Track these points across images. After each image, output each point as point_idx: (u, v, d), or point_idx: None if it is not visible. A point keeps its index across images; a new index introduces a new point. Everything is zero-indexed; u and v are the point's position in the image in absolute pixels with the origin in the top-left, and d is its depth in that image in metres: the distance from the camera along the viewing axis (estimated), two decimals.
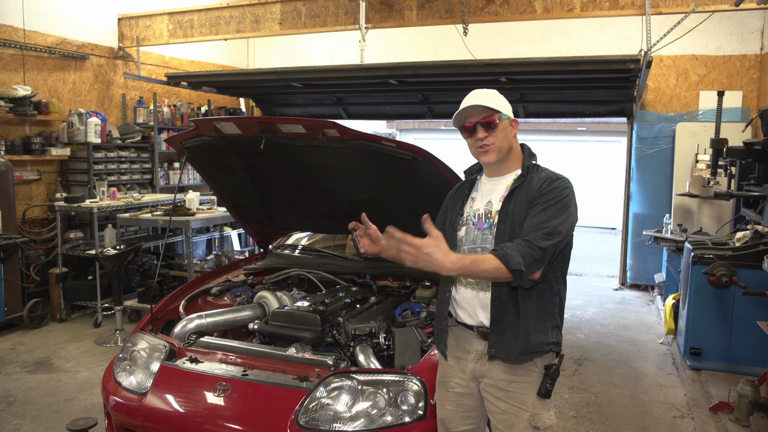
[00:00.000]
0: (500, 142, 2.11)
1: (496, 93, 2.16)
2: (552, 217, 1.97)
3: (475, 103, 2.10)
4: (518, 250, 1.88)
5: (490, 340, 2.08)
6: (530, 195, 2.07)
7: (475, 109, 2.11)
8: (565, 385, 4.48)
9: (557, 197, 2.02)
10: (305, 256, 3.92)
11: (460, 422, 2.21)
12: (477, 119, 2.10)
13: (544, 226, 1.95)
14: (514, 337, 2.05)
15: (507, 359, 2.06)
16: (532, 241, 1.91)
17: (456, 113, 2.15)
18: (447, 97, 7.52)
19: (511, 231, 2.05)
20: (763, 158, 4.69)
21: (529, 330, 2.05)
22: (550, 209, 1.99)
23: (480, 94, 2.14)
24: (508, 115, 2.13)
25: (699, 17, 5.56)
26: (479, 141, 2.11)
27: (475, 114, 2.11)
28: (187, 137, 3.12)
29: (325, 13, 6.20)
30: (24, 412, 3.98)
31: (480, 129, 2.10)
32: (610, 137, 14.06)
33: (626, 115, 7.46)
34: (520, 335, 2.05)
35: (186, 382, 2.53)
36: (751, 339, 4.34)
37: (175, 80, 6.83)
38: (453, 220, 2.23)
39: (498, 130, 2.10)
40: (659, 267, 7.23)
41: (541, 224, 1.96)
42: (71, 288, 6.04)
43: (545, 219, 1.97)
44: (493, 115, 2.09)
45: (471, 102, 2.11)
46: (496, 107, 2.10)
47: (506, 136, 2.13)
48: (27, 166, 6.15)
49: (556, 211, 1.99)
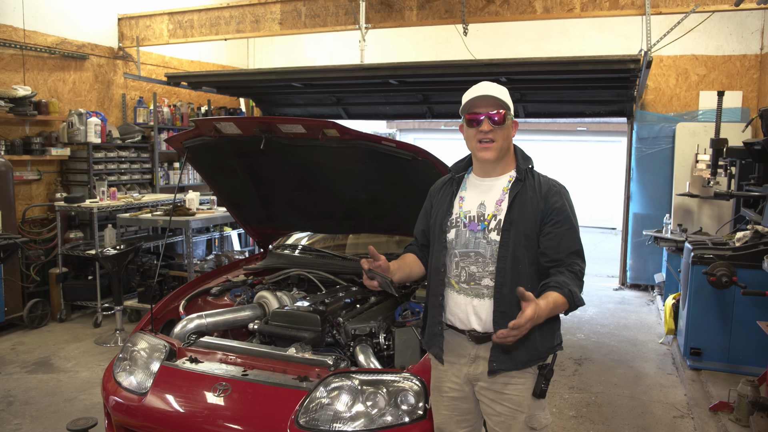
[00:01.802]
0: (503, 141, 2.06)
1: (506, 90, 2.09)
2: (575, 237, 2.06)
3: (490, 93, 2.02)
4: (576, 285, 1.99)
5: (492, 355, 2.05)
6: (537, 206, 2.04)
7: (485, 100, 2.03)
8: (565, 385, 4.48)
9: (568, 211, 2.07)
10: (305, 256, 3.91)
11: (456, 426, 2.19)
12: (486, 111, 2.02)
13: (575, 249, 2.05)
14: (521, 348, 2.03)
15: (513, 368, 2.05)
16: (578, 273, 2.03)
17: (465, 101, 2.06)
18: (447, 97, 7.52)
19: (515, 240, 2.03)
20: (763, 158, 4.68)
21: (536, 339, 2.04)
22: (572, 229, 2.06)
23: (493, 86, 2.06)
24: (512, 115, 2.09)
25: (699, 17, 5.56)
26: (483, 134, 2.03)
27: (484, 105, 2.03)
28: (187, 137, 3.12)
29: (325, 13, 6.20)
30: (24, 412, 3.98)
31: (487, 122, 2.02)
32: (610, 137, 14.05)
33: (626, 115, 7.46)
34: (528, 344, 2.03)
35: (186, 382, 2.53)
36: (751, 339, 4.34)
37: (175, 80, 6.83)
38: (440, 220, 2.17)
39: (504, 128, 2.05)
40: (659, 267, 7.23)
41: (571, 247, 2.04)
42: (71, 288, 6.03)
43: (573, 242, 2.05)
44: (503, 110, 2.03)
45: (484, 92, 2.03)
46: (508, 103, 2.05)
47: (508, 136, 2.09)
48: (27, 166, 6.15)
49: (574, 230, 2.08)
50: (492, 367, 2.05)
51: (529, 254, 2.04)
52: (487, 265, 2.06)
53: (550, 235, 2.03)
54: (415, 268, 2.30)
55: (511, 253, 2.02)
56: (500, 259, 2.03)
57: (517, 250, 2.02)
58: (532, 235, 2.04)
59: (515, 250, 2.02)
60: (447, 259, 2.14)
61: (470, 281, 2.08)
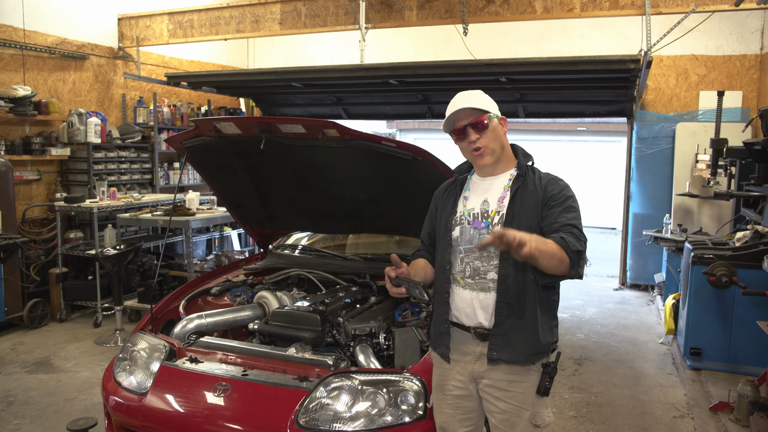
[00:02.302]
0: (492, 143, 2.10)
1: (482, 93, 2.14)
2: (575, 217, 2.03)
3: (463, 105, 2.08)
4: (574, 243, 1.92)
5: (491, 343, 2.07)
6: (537, 198, 2.07)
7: (462, 112, 2.09)
8: (565, 385, 4.48)
9: (566, 195, 2.07)
10: (305, 256, 3.92)
11: (458, 425, 2.20)
12: (467, 121, 2.08)
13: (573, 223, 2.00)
14: (523, 339, 2.05)
15: (514, 361, 2.06)
16: (575, 233, 1.96)
17: (445, 119, 2.13)
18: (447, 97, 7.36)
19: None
20: (763, 158, 4.69)
21: (538, 332, 2.06)
22: (570, 210, 2.04)
23: (466, 96, 2.12)
24: (496, 114, 2.12)
25: (699, 17, 5.56)
26: (472, 144, 2.09)
27: (464, 117, 2.09)
28: (187, 137, 3.12)
29: (325, 13, 6.20)
30: (24, 412, 3.98)
31: (471, 131, 2.08)
32: (610, 137, 14.05)
33: (626, 115, 7.46)
34: (529, 337, 2.05)
35: (186, 382, 2.53)
36: (751, 339, 4.34)
37: (175, 80, 6.83)
38: (445, 219, 2.21)
39: (489, 131, 2.09)
40: (659, 267, 7.23)
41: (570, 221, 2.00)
42: (71, 288, 6.04)
43: (571, 218, 2.01)
44: (483, 116, 2.08)
45: (458, 105, 2.09)
46: (484, 107, 2.09)
47: (497, 136, 2.12)
48: (27, 166, 6.15)
49: (575, 213, 2.05)
50: (492, 356, 2.06)
51: None
52: (491, 259, 2.08)
53: (551, 215, 2.05)
54: (429, 272, 2.30)
55: None
56: (503, 251, 2.04)
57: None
58: (534, 226, 2.06)
59: None
60: (452, 257, 2.16)
61: (475, 276, 2.11)
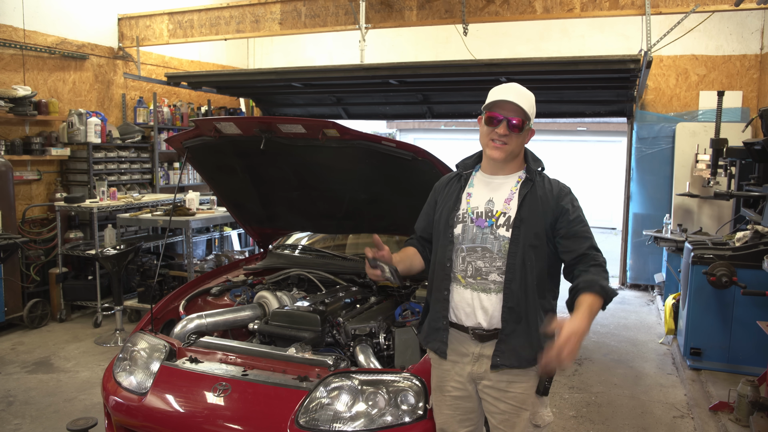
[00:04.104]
0: (515, 146, 2.09)
1: (533, 97, 2.12)
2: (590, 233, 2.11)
3: (513, 100, 2.04)
4: (605, 279, 2.01)
5: (496, 349, 2.07)
6: (547, 206, 2.08)
7: (509, 104, 2.05)
8: (565, 385, 4.48)
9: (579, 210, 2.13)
10: (305, 256, 3.92)
11: (458, 426, 2.19)
12: (508, 115, 2.05)
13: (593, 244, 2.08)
14: (525, 343, 2.04)
15: (517, 366, 2.05)
16: (602, 264, 2.05)
17: (490, 98, 2.08)
18: (447, 97, 7.52)
19: (525, 237, 2.06)
20: (763, 158, 4.69)
21: (539, 335, 2.05)
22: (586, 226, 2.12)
23: (521, 93, 2.08)
24: (531, 123, 2.11)
25: (699, 17, 5.56)
26: (497, 135, 2.06)
27: (507, 109, 2.05)
28: (187, 137, 3.12)
29: (325, 13, 6.20)
30: (24, 412, 3.98)
31: (504, 125, 2.05)
32: (610, 137, 14.04)
33: (626, 115, 7.46)
34: (531, 341, 2.04)
35: (186, 382, 2.53)
36: (751, 339, 4.34)
37: (175, 80, 6.83)
38: (447, 215, 2.19)
39: (519, 135, 2.08)
40: (659, 267, 7.23)
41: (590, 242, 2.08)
42: (71, 288, 6.03)
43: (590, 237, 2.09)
44: (523, 119, 2.06)
45: (509, 97, 2.05)
46: (528, 113, 2.07)
47: (522, 142, 2.13)
48: (27, 166, 6.15)
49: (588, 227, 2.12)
50: (495, 362, 2.06)
51: (537, 252, 2.06)
52: (494, 260, 2.08)
53: (569, 234, 2.07)
54: (416, 261, 2.31)
55: (520, 250, 2.05)
56: (510, 255, 2.06)
57: (526, 247, 2.05)
58: (541, 233, 2.06)
59: (524, 247, 2.05)
60: (453, 254, 2.15)
61: (477, 276, 2.10)
